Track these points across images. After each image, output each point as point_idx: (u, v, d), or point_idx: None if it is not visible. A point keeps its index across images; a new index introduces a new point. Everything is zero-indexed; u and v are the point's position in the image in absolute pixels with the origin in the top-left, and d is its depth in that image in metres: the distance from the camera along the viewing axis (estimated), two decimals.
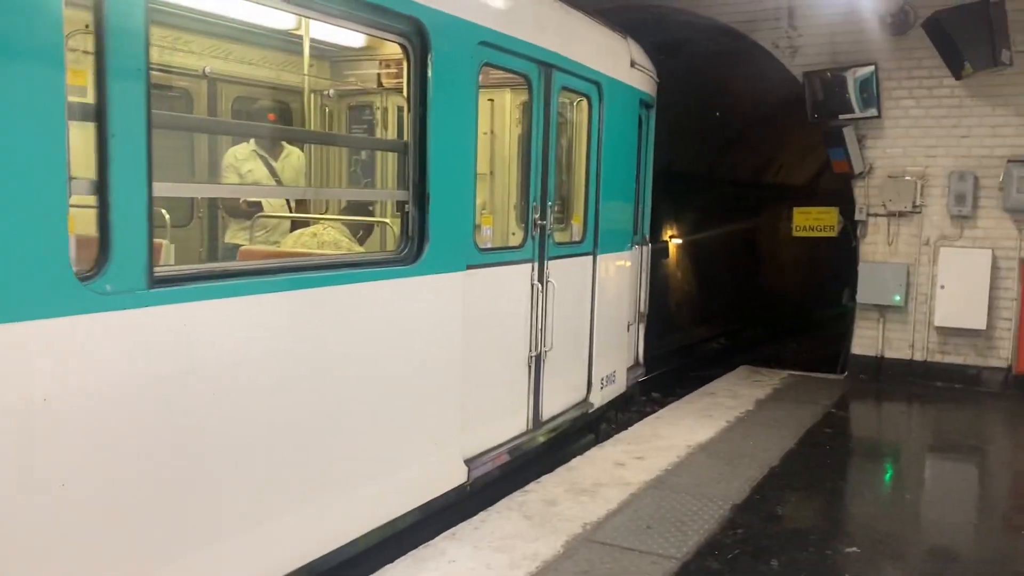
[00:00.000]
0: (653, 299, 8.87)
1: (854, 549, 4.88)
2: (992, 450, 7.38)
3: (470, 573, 4.35)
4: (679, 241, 17.34)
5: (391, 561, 4.44)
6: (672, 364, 13.52)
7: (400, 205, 4.69)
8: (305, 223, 5.72)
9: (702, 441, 6.90)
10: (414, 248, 4.59)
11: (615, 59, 7.15)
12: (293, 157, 6.63)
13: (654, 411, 8.38)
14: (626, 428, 7.47)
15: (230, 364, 3.49)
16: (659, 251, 16.01)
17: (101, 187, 2.91)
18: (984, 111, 9.19)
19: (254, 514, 3.68)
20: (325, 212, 6.75)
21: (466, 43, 4.90)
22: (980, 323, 9.20)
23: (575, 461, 6.29)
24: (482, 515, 5.11)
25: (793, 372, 10.19)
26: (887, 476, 6.71)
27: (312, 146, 7.37)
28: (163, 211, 5.03)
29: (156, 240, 3.34)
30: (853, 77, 9.51)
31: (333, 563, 4.16)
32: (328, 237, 5.11)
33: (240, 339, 3.53)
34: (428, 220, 4.60)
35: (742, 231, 19.97)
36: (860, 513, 5.71)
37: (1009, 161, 9.02)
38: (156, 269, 3.15)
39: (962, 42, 8.27)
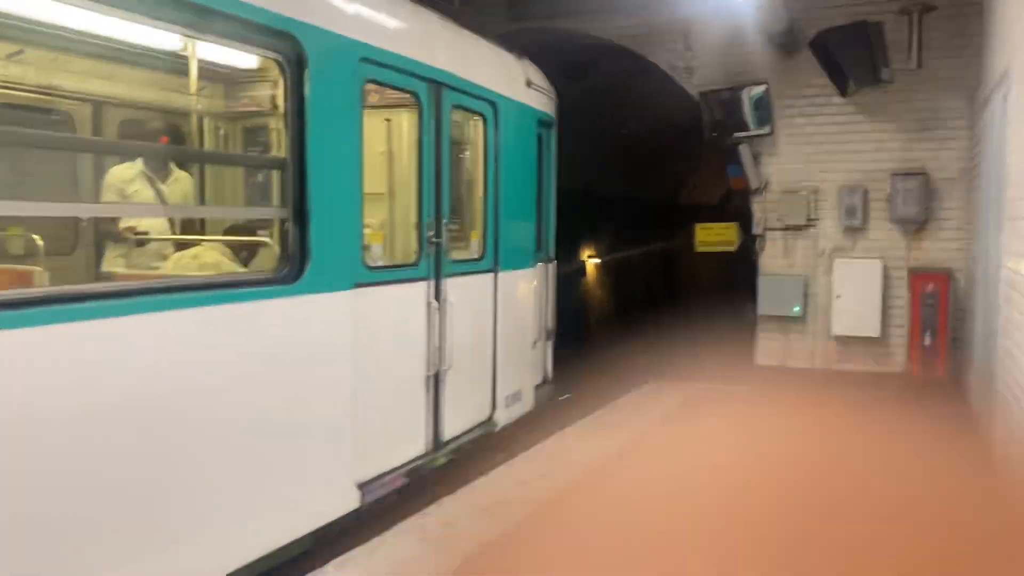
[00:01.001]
0: (571, 317, 8.88)
1: None
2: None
3: None
4: (596, 261, 17.57)
5: None
6: (589, 380, 13.61)
7: (280, 223, 4.59)
8: (188, 246, 5.56)
9: (608, 455, 6.91)
10: (295, 267, 4.48)
11: (509, 79, 7.20)
12: (182, 182, 6.43)
13: (566, 428, 8.37)
14: (535, 445, 7.45)
15: (89, 391, 3.34)
16: (577, 271, 16.19)
17: None
18: (869, 127, 9.59)
19: (124, 553, 3.52)
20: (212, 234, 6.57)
21: (346, 60, 4.86)
22: (875, 331, 9.53)
23: (478, 480, 6.22)
24: (377, 540, 5.00)
25: (700, 384, 10.35)
26: None
27: (208, 169, 7.21)
28: (35, 237, 4.82)
29: (27, 267, 3.28)
30: (747, 96, 9.81)
31: None
32: (209, 259, 4.98)
33: (99, 364, 3.38)
34: (310, 238, 4.51)
35: (657, 250, 20.35)
36: None
37: (893, 174, 9.41)
38: None
39: (845, 61, 8.62)
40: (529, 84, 7.58)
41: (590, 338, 16.45)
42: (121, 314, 3.49)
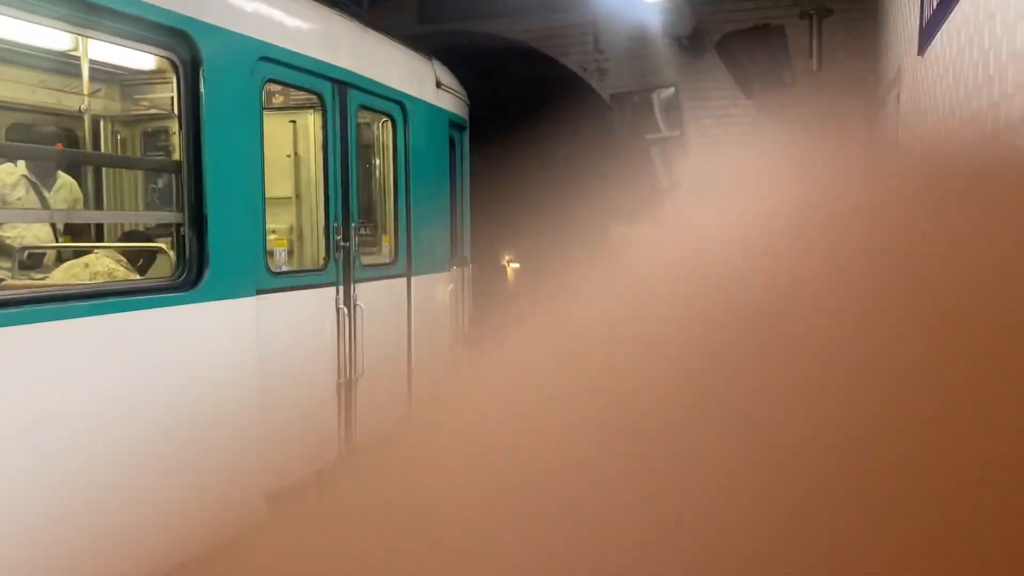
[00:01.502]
0: (493, 320, 8.82)
1: None
2: None
3: None
4: (516, 265, 17.59)
5: None
6: None
7: (176, 228, 4.39)
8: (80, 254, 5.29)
9: None
10: (192, 273, 4.30)
11: (419, 80, 7.10)
12: (66, 190, 6.09)
13: None
14: None
15: None
16: (499, 274, 16.15)
17: None
18: (775, 128, 9.84)
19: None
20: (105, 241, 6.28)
21: (244, 59, 4.70)
22: None
23: None
24: None
25: None
26: None
27: (107, 175, 6.92)
28: None
29: None
30: (658, 98, 9.97)
31: None
32: (102, 267, 4.69)
33: None
34: (207, 243, 4.34)
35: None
36: None
37: None
38: None
39: (750, 64, 8.83)
40: (439, 85, 7.50)
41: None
42: (60, 318, 3.40)
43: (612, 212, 21.58)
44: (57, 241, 5.62)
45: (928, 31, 4.52)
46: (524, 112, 14.56)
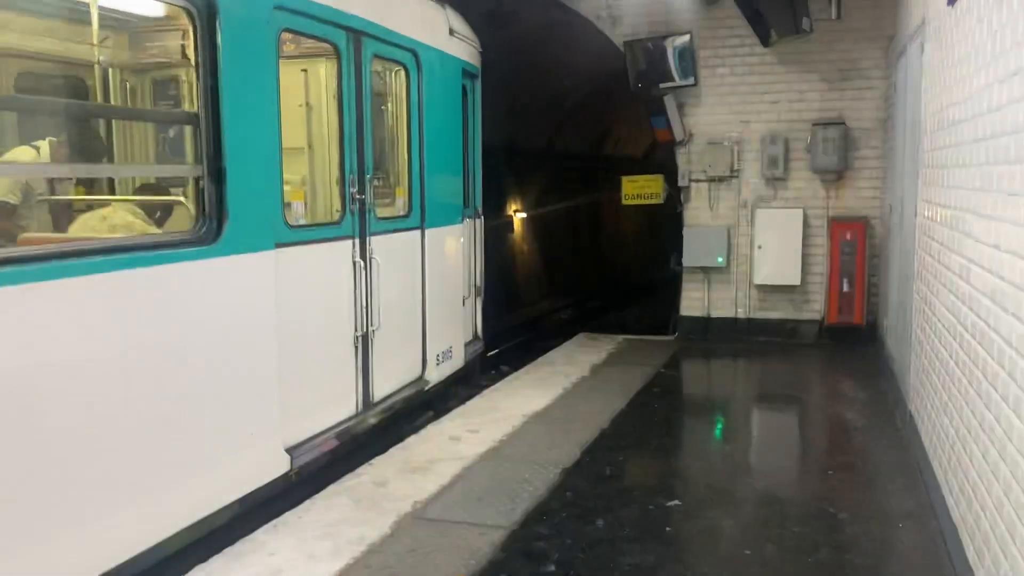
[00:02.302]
0: (499, 274, 8.84)
1: (676, 502, 5.03)
2: (807, 398, 7.85)
3: (291, 564, 4.17)
4: (523, 216, 17.50)
5: (206, 559, 4.20)
6: (520, 337, 13.65)
7: (195, 182, 4.37)
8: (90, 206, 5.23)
9: (537, 409, 6.95)
10: (213, 226, 4.27)
11: (432, 27, 7.00)
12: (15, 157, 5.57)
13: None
14: (465, 403, 7.45)
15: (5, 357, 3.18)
16: (503, 226, 16.11)
17: None
18: (791, 77, 9.69)
19: (43, 525, 3.37)
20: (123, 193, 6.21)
21: (260, 7, 4.63)
22: (795, 279, 9.75)
23: (410, 439, 6.19)
24: (307, 503, 4.93)
25: (628, 336, 10.49)
26: (711, 430, 7.00)
27: (115, 123, 6.81)
28: None
29: None
30: (672, 46, 9.78)
31: (146, 565, 3.88)
32: (119, 220, 4.66)
33: (12, 331, 3.21)
34: (227, 196, 4.31)
35: (584, 203, 20.39)
36: (684, 467, 5.91)
37: (814, 124, 9.56)
38: None
39: (767, 10, 8.64)
40: (452, 33, 7.39)
41: (519, 293, 16.46)
42: (25, 281, 3.27)
43: (620, 162, 21.45)
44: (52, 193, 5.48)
45: None
46: (534, 59, 14.39)
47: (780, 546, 4.43)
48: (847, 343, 9.51)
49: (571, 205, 19.68)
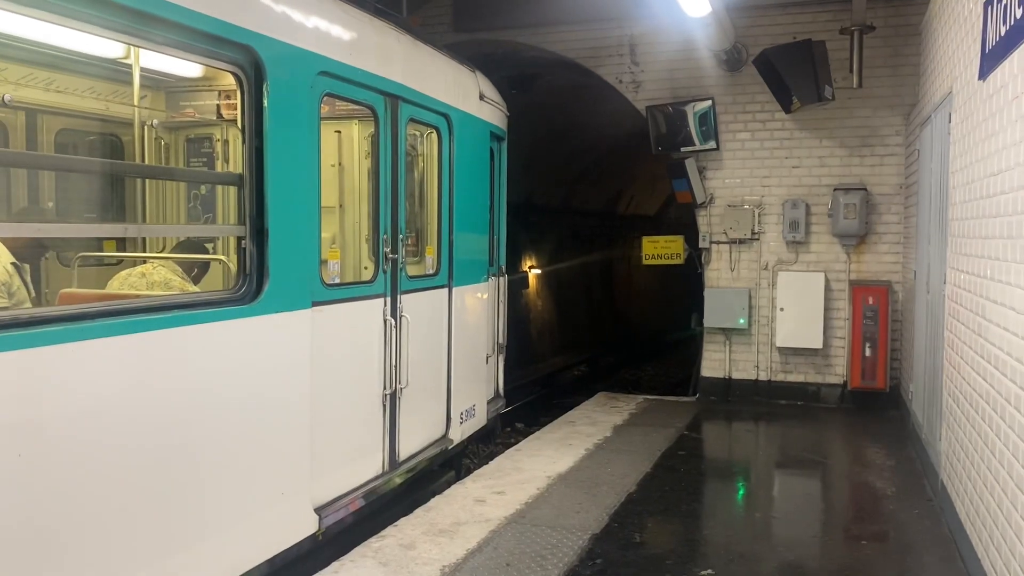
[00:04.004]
0: (514, 330, 8.89)
1: (708, 571, 4.95)
2: (832, 463, 7.76)
3: None
4: (538, 272, 17.58)
5: None
6: (534, 394, 13.60)
7: (237, 241, 4.42)
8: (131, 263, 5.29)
9: (562, 471, 6.89)
10: (252, 286, 4.32)
11: (464, 92, 7.16)
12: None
13: (517, 442, 8.33)
14: (487, 462, 7.41)
15: (39, 420, 3.17)
16: (518, 282, 16.18)
17: None
18: (812, 143, 9.80)
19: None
20: (159, 251, 6.29)
21: (305, 73, 4.74)
22: (817, 343, 9.72)
23: (434, 501, 6.13)
24: (335, 565, 4.87)
25: (648, 396, 10.44)
26: (738, 495, 6.90)
27: (147, 180, 6.92)
28: None
29: None
30: (692, 111, 9.93)
31: None
32: (159, 277, 4.76)
33: (51, 393, 3.21)
34: (268, 256, 4.36)
35: (598, 261, 20.50)
36: (714, 534, 5.82)
37: (835, 189, 9.64)
38: None
39: (789, 78, 8.78)
40: (482, 97, 7.56)
41: (533, 349, 16.44)
42: (71, 340, 3.28)
43: (634, 221, 21.60)
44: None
45: (993, 56, 4.48)
46: (554, 121, 14.63)
47: None
48: (870, 408, 9.44)
49: (585, 262, 19.78)
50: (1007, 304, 4.10)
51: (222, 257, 5.21)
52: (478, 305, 7.57)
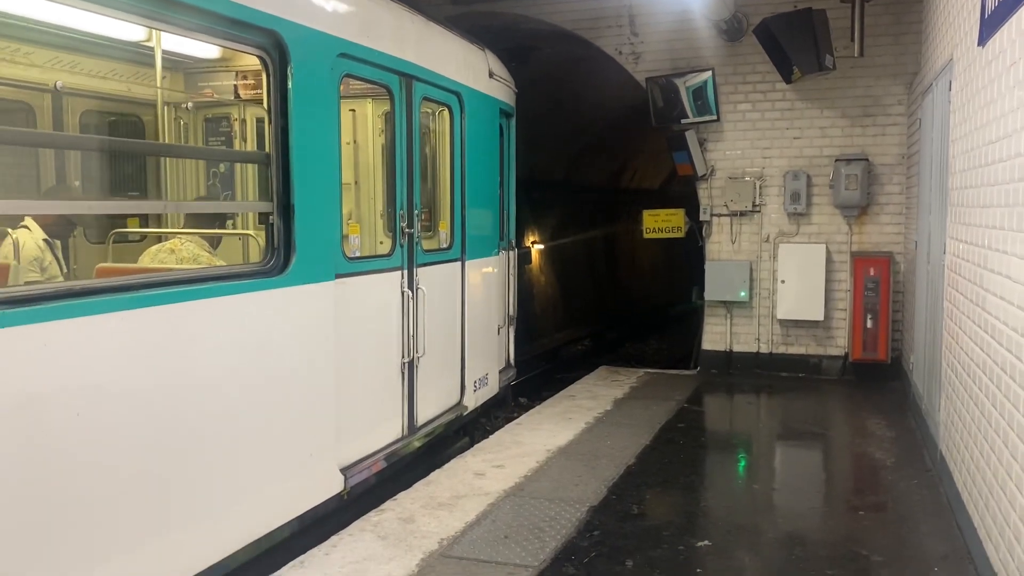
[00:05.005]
0: (517, 305, 9.00)
1: (706, 542, 4.97)
2: (833, 435, 7.77)
3: None
4: (541, 247, 17.53)
5: None
6: (537, 369, 13.61)
7: (264, 217, 4.65)
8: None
9: (562, 445, 6.91)
10: (280, 259, 4.56)
11: (474, 70, 7.33)
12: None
13: (519, 416, 8.35)
14: (501, 427, 7.65)
15: (91, 384, 3.41)
16: (521, 257, 16.14)
17: None
18: (813, 113, 9.72)
19: (120, 537, 3.58)
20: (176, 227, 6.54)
21: (326, 55, 4.94)
22: (818, 315, 9.70)
23: (433, 475, 6.15)
24: (333, 539, 4.90)
25: (649, 370, 10.44)
26: (738, 467, 6.92)
27: (169, 159, 7.17)
28: None
29: None
30: (685, 86, 9.86)
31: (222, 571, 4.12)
32: (187, 253, 5.00)
33: (99, 358, 3.45)
34: (294, 231, 4.57)
35: (601, 235, 20.43)
36: (712, 506, 5.84)
37: (836, 160, 9.57)
38: None
39: (790, 48, 8.68)
40: (492, 75, 7.69)
41: (536, 324, 16.44)
42: (119, 309, 3.54)
43: (637, 194, 21.48)
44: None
45: (992, 22, 4.41)
46: (561, 94, 14.49)
47: None
48: (872, 379, 9.43)
49: (588, 237, 19.71)
50: (1004, 273, 4.07)
51: (250, 232, 5.51)
52: (489, 278, 7.78)
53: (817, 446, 7.45)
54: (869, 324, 9.36)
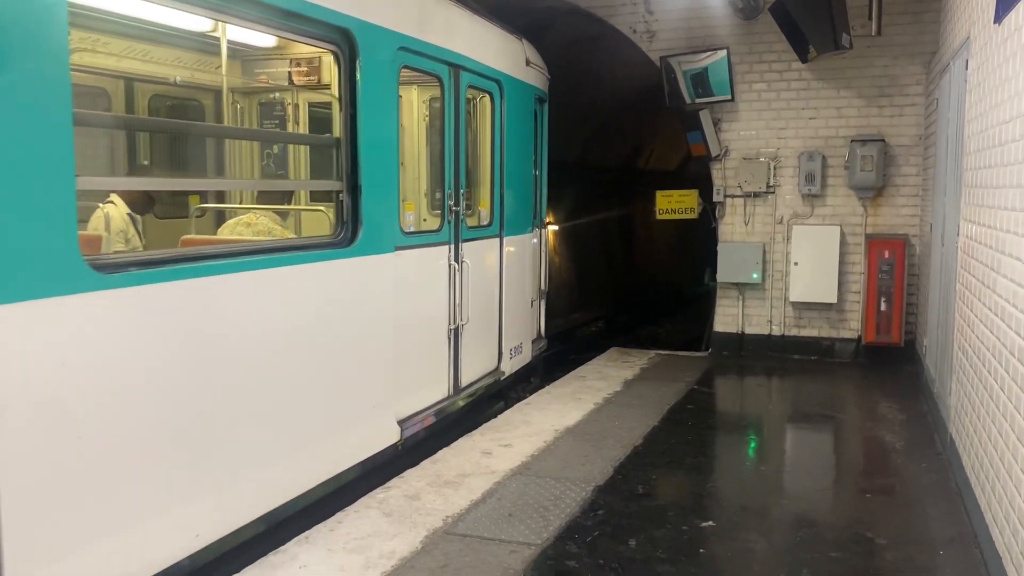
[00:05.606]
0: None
1: (711, 523, 4.97)
2: (843, 418, 7.72)
3: None
4: (555, 228, 17.48)
5: (239, 570, 4.21)
6: (550, 350, 13.59)
7: (335, 195, 5.17)
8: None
9: (570, 424, 6.91)
10: (349, 232, 5.11)
11: (513, 59, 7.79)
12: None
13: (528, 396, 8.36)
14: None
15: (212, 335, 4.03)
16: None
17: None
18: (830, 93, 9.59)
19: (234, 464, 4.23)
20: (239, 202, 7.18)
21: (388, 49, 5.42)
22: (831, 297, 9.63)
23: (441, 453, 6.17)
24: (339, 515, 4.93)
25: (660, 351, 10.41)
26: (745, 449, 6.90)
27: (229, 142, 7.72)
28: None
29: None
30: (708, 61, 9.73)
31: (296, 508, 4.71)
32: (262, 226, 5.56)
33: (213, 314, 4.02)
34: (361, 207, 5.12)
35: (616, 217, 20.32)
36: (718, 487, 5.83)
37: (852, 140, 9.45)
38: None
39: (806, 27, 8.56)
40: (528, 63, 8.12)
41: (549, 305, 16.40)
42: (231, 271, 4.17)
43: (653, 176, 21.33)
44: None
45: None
46: (575, 73, 14.36)
47: (817, 572, 4.35)
48: (885, 363, 9.36)
49: (603, 218, 19.61)
50: (1016, 255, 4.01)
51: (321, 207, 6.13)
52: (524, 253, 8.27)
53: (827, 429, 7.41)
54: (883, 307, 9.28)
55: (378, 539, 4.60)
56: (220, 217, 6.89)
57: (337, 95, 5.11)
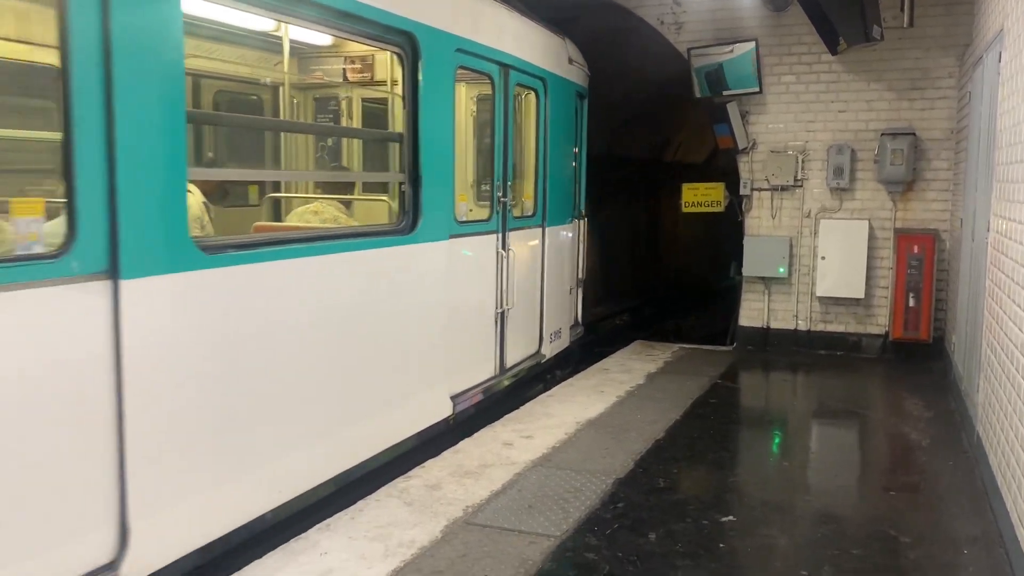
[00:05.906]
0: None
1: (731, 517, 4.95)
2: (868, 414, 7.64)
3: (342, 565, 4.21)
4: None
5: (260, 556, 4.27)
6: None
7: (399, 185, 5.62)
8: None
9: (592, 417, 6.91)
10: (410, 220, 5.54)
11: (556, 57, 8.12)
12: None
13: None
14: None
15: (296, 311, 4.51)
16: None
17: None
18: (860, 85, 9.47)
19: (317, 430, 4.77)
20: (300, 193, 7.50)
21: (446, 51, 5.81)
22: (859, 292, 9.52)
23: (462, 443, 6.20)
24: (360, 504, 4.97)
25: (684, 345, 10.37)
26: (768, 444, 6.86)
27: (284, 135, 7.97)
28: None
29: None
30: (737, 53, 9.64)
31: (366, 470, 5.23)
32: (328, 214, 5.84)
33: (296, 293, 4.49)
34: (421, 197, 5.54)
35: (642, 209, 20.22)
36: (740, 482, 5.80)
37: (882, 134, 9.33)
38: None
39: (836, 18, 8.44)
40: (570, 61, 8.42)
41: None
42: (310, 255, 4.64)
43: (681, 169, 21.20)
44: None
45: None
46: (603, 65, 14.29)
47: (838, 568, 4.32)
48: (912, 359, 9.26)
49: (629, 210, 19.52)
50: None
51: (384, 198, 6.53)
52: (564, 243, 8.61)
53: (852, 425, 7.34)
54: (911, 303, 9.17)
55: (398, 528, 4.64)
56: (277, 206, 7.16)
57: (402, 94, 5.51)
